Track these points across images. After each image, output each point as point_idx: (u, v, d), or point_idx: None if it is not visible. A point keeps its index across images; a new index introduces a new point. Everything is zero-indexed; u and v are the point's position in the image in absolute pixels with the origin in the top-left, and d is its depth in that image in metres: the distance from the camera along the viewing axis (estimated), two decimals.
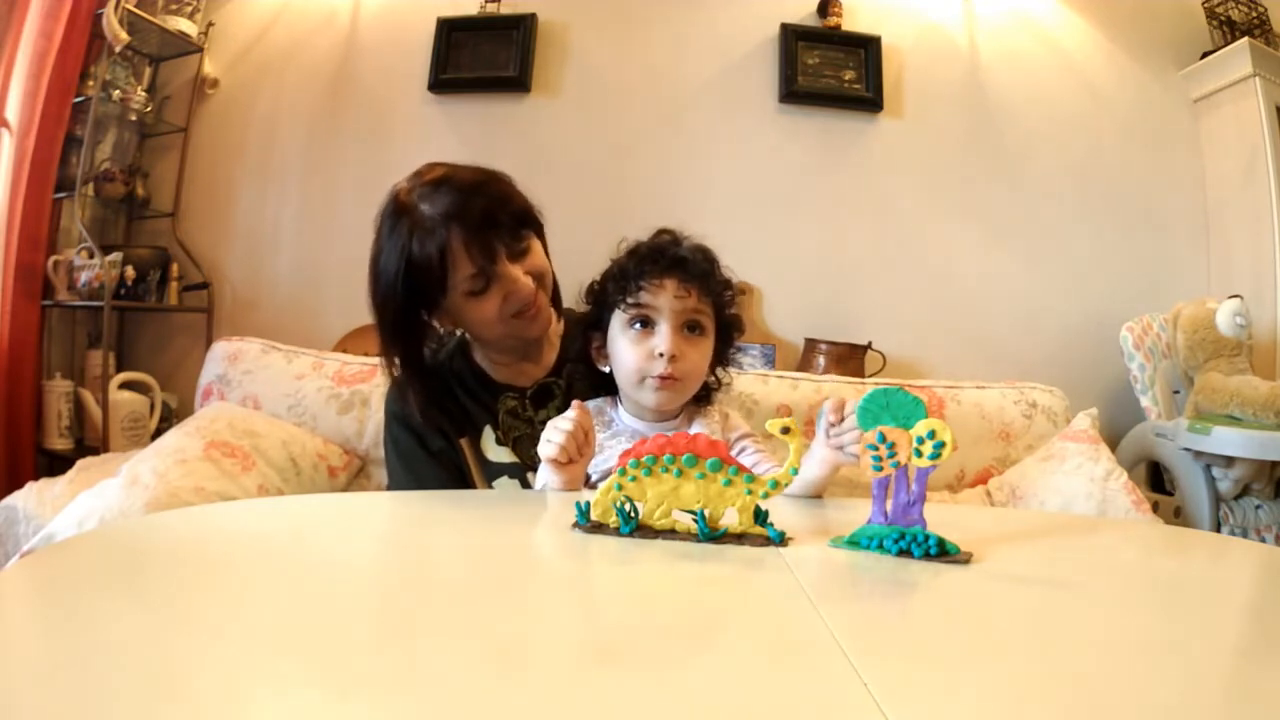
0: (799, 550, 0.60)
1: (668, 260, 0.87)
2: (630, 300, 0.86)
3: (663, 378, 0.85)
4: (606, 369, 0.92)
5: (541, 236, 1.01)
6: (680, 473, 0.61)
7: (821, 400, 1.47)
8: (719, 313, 0.91)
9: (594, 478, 0.86)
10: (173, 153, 2.39)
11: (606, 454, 0.88)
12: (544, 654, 0.41)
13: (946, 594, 0.54)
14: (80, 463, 1.57)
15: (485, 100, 2.36)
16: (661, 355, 0.85)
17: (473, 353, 1.06)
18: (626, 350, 0.87)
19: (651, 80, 2.36)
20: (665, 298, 0.85)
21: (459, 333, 1.08)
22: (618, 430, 0.91)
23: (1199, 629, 0.48)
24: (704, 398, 0.95)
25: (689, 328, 0.87)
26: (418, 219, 0.90)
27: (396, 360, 0.98)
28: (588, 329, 0.93)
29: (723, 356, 0.94)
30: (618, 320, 0.88)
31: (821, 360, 2.14)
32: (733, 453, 0.73)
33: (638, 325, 0.86)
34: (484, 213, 0.91)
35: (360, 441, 1.50)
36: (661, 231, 0.91)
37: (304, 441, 1.44)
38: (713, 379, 0.94)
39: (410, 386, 0.99)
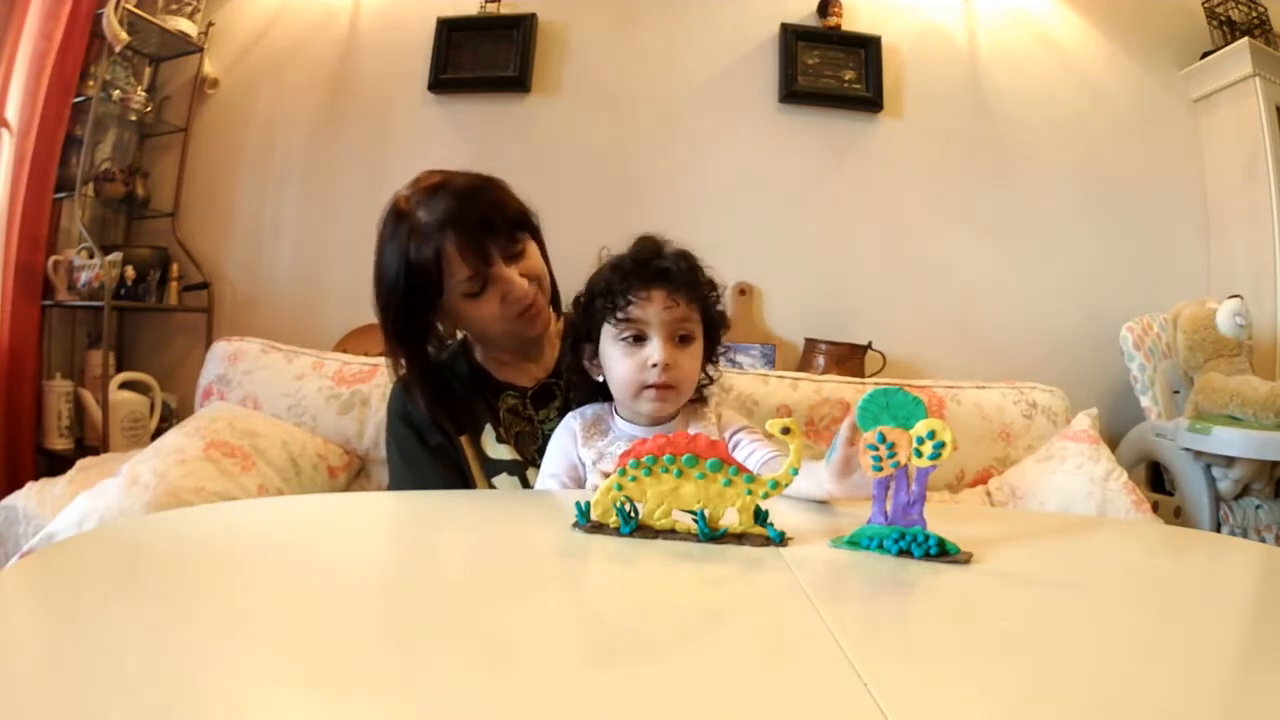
0: (799, 550, 0.60)
1: (652, 272, 0.87)
2: (620, 316, 0.86)
3: (658, 386, 0.86)
4: (600, 379, 0.92)
5: (538, 239, 1.02)
6: (680, 473, 0.61)
7: (822, 401, 1.46)
8: (705, 314, 0.91)
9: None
10: (173, 153, 2.39)
11: (607, 459, 0.88)
12: (544, 654, 0.41)
13: (946, 594, 0.54)
14: (80, 463, 1.57)
15: (485, 100, 2.36)
16: (655, 365, 0.85)
17: (474, 353, 1.07)
18: (619, 362, 0.87)
19: (651, 80, 2.36)
20: (654, 310, 0.86)
21: (460, 334, 1.09)
22: (617, 436, 0.91)
23: (1199, 629, 0.49)
24: (698, 397, 0.95)
25: (679, 338, 0.87)
26: (415, 224, 0.93)
27: (402, 361, 1.00)
28: (577, 341, 0.93)
29: (711, 354, 0.94)
30: (608, 334, 0.89)
31: (821, 360, 2.14)
32: (729, 445, 0.73)
33: (628, 338, 0.87)
34: (479, 218, 0.93)
35: (360, 441, 1.50)
36: (642, 238, 0.91)
37: (304, 441, 1.44)
38: (704, 377, 0.95)
39: (416, 386, 1.00)
